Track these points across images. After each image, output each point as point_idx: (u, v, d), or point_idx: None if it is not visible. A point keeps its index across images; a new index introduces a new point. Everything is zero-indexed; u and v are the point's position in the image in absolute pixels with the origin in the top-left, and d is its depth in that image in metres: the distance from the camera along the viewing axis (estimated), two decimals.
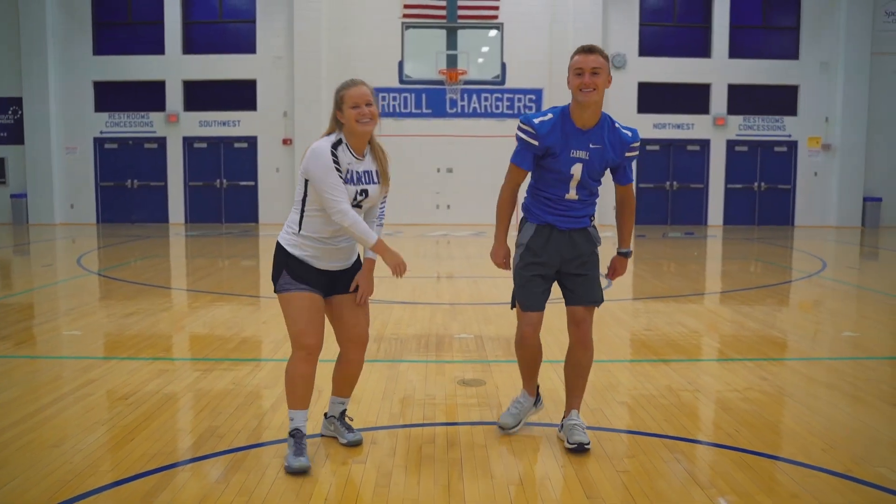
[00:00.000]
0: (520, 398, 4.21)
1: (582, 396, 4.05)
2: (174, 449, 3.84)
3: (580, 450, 3.79)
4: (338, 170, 3.57)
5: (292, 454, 3.61)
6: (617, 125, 3.84)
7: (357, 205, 3.65)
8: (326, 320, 3.82)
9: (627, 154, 3.86)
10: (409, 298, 8.62)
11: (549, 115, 3.81)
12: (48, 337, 6.66)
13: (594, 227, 4.03)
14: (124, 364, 5.61)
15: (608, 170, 3.94)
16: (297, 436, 3.66)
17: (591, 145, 3.76)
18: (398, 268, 3.69)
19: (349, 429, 3.95)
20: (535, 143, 3.77)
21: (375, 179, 3.73)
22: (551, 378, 5.15)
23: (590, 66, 3.66)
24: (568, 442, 3.85)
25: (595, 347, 4.63)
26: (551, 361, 5.54)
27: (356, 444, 3.90)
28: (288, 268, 3.66)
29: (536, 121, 3.78)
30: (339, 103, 3.67)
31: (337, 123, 3.69)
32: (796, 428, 4.20)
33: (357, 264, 3.90)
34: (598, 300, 3.98)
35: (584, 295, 3.92)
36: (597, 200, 4.03)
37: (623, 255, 4.07)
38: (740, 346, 6.31)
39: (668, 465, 3.65)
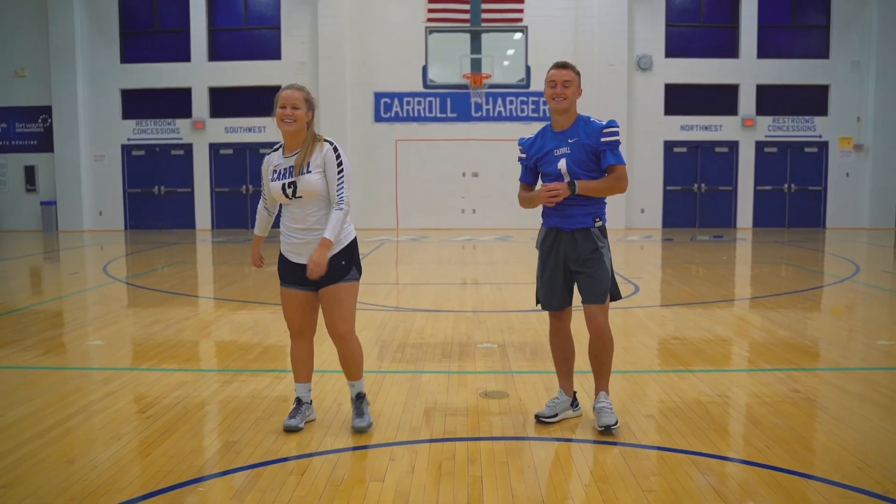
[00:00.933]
0: (557, 396, 4.49)
1: (608, 378, 4.41)
2: (189, 466, 3.78)
3: (607, 432, 4.17)
4: (262, 179, 4.33)
5: (288, 416, 4.33)
6: (591, 119, 4.30)
7: (295, 195, 4.11)
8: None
9: (603, 139, 4.19)
10: (432, 306, 8.54)
11: (533, 134, 4.49)
12: (71, 347, 6.67)
13: (600, 228, 4.28)
14: (145, 375, 5.59)
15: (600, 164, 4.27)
16: (297, 402, 4.37)
17: (569, 140, 4.26)
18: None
19: (358, 414, 4.29)
20: (524, 155, 4.49)
21: (303, 171, 4.11)
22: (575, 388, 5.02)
23: (561, 78, 4.24)
24: (597, 424, 4.24)
25: (622, 357, 4.91)
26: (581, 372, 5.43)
27: (361, 430, 4.22)
28: (279, 268, 4.36)
29: (523, 139, 4.53)
30: (274, 104, 4.21)
31: None
32: (829, 444, 4.05)
33: (334, 258, 4.15)
34: (600, 298, 4.26)
35: (587, 293, 4.29)
36: (603, 200, 4.31)
37: (569, 183, 4.19)
38: (770, 356, 6.13)
39: (696, 484, 3.52)
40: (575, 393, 4.55)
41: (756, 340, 6.78)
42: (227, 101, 21.12)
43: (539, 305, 4.49)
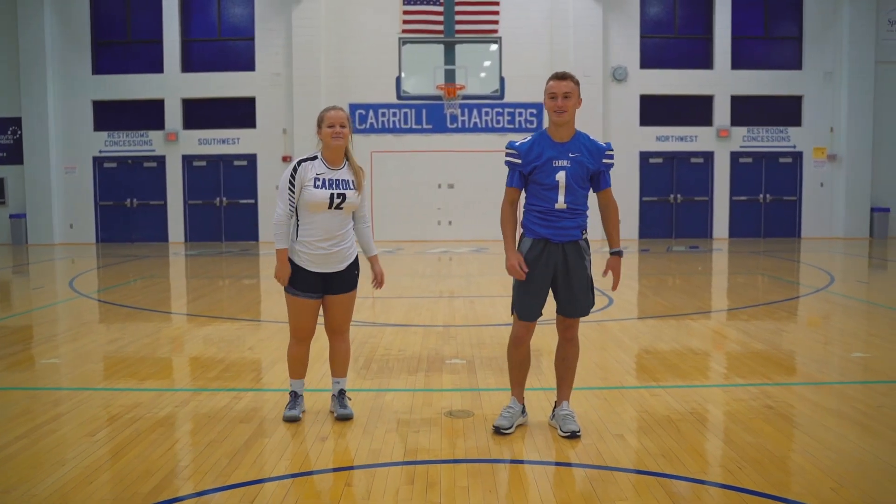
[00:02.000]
0: (510, 405, 4.50)
1: (571, 388, 4.57)
2: (134, 493, 3.57)
3: (573, 437, 4.29)
4: (291, 184, 4.45)
5: (287, 408, 4.71)
6: (592, 138, 4.35)
7: (338, 206, 4.45)
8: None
9: (604, 161, 4.30)
10: (403, 320, 8.36)
11: (529, 138, 4.36)
12: (25, 366, 6.42)
13: (585, 240, 4.41)
14: (99, 395, 5.37)
15: (591, 182, 4.37)
16: (293, 395, 4.76)
17: (570, 154, 4.23)
18: (278, 278, 4.57)
19: (342, 405, 4.73)
20: (519, 161, 4.28)
21: (352, 186, 4.52)
22: (544, 408, 4.88)
23: (562, 90, 4.19)
24: (561, 430, 4.35)
25: (593, 373, 5.10)
26: (544, 389, 5.29)
27: (345, 418, 4.66)
28: (291, 278, 4.53)
29: (517, 143, 4.34)
30: (319, 123, 4.52)
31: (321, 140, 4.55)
32: (804, 463, 3.92)
33: (349, 269, 4.63)
34: (585, 312, 4.43)
35: (570, 307, 4.38)
36: (587, 213, 4.39)
37: (615, 254, 4.43)
38: (744, 369, 6.02)
39: None
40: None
41: (730, 353, 6.67)
42: (201, 113, 20.86)
43: (514, 315, 4.41)
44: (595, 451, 4.12)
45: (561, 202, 4.21)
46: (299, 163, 4.49)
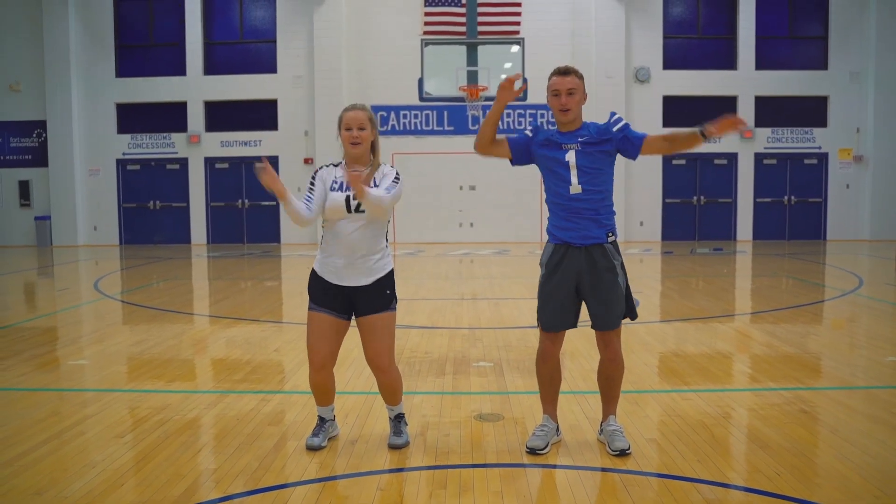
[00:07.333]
0: (544, 423, 4.23)
1: (617, 402, 4.28)
2: (164, 497, 3.55)
3: (622, 455, 4.00)
4: (311, 185, 4.11)
5: (311, 434, 4.28)
6: (596, 123, 4.15)
7: (357, 209, 3.99)
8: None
9: (615, 129, 4.06)
10: (428, 322, 8.32)
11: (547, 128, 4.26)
12: (53, 367, 6.45)
13: (613, 243, 4.09)
14: (126, 397, 5.37)
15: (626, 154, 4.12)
16: (320, 420, 4.31)
17: (579, 139, 4.05)
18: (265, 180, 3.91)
19: (395, 432, 4.27)
20: (530, 134, 4.17)
21: (373, 184, 4.03)
22: (574, 412, 4.82)
23: (566, 87, 3.99)
24: (610, 448, 4.06)
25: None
26: (573, 392, 5.23)
27: (395, 447, 4.19)
28: (310, 288, 4.14)
29: (537, 125, 4.29)
30: (339, 124, 4.12)
31: None
32: (844, 470, 3.82)
33: (378, 284, 4.11)
34: (615, 323, 4.09)
35: (601, 321, 4.08)
36: (613, 211, 4.12)
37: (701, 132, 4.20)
38: (776, 373, 5.92)
39: None
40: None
41: (760, 357, 6.56)
42: (223, 115, 20.96)
43: (539, 326, 4.20)
44: (629, 455, 4.05)
45: (575, 184, 3.97)
46: (328, 165, 4.17)
